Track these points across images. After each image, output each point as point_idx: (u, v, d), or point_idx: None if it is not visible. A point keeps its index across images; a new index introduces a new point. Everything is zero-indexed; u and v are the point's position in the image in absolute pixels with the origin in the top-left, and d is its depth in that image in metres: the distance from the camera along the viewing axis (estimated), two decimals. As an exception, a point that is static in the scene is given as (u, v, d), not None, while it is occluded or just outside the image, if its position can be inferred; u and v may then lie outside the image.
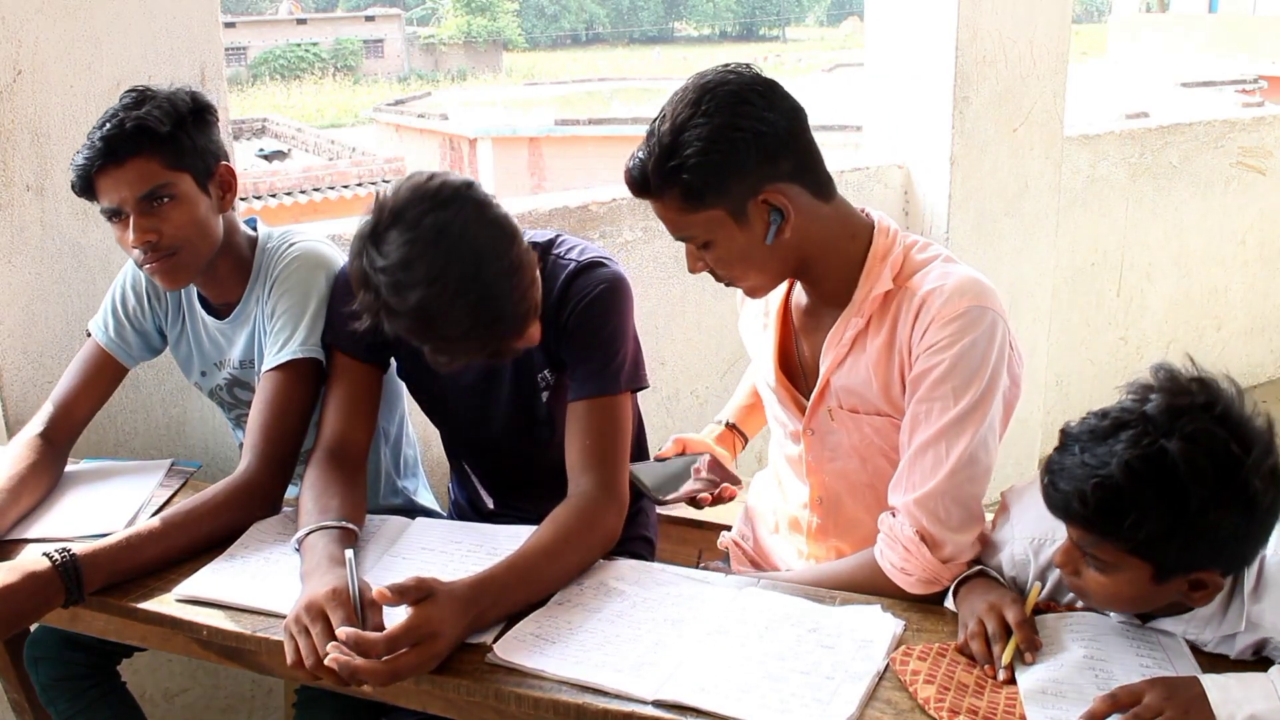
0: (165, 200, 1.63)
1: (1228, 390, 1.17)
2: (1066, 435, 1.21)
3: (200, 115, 1.69)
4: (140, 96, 1.66)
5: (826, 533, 1.65)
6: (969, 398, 1.39)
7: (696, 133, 1.37)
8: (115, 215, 1.64)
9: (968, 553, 1.41)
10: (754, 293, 1.56)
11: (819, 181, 1.46)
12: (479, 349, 1.43)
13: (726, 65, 1.44)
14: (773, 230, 1.43)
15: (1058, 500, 1.20)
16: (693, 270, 1.51)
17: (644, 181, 1.42)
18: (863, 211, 1.54)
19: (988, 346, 1.40)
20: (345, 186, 12.14)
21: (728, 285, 1.53)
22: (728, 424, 1.89)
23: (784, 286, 1.63)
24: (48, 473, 1.72)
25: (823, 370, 1.53)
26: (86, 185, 1.63)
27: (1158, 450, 1.11)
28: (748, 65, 1.44)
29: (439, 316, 1.36)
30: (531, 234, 1.69)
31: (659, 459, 1.80)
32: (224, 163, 1.73)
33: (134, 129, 1.60)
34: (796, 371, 1.63)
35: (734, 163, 1.38)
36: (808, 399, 1.58)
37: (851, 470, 1.58)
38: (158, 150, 1.62)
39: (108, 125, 1.62)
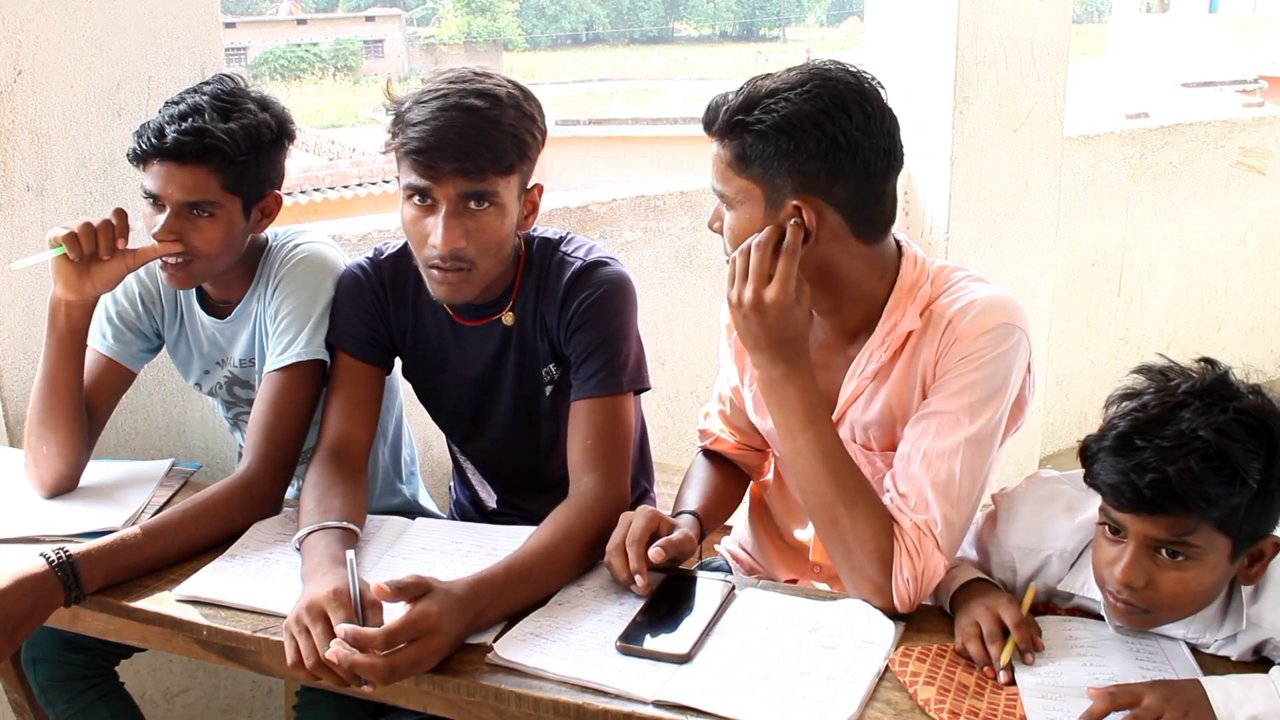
0: (206, 214, 1.64)
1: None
2: (1116, 436, 1.19)
3: (278, 142, 1.70)
4: (231, 105, 1.63)
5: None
6: (985, 417, 1.36)
7: (781, 106, 1.34)
8: (154, 199, 1.63)
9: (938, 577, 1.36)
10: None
11: (868, 225, 1.41)
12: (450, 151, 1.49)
13: (860, 71, 1.39)
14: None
15: (1146, 495, 1.15)
16: (710, 225, 1.47)
17: (714, 120, 1.40)
18: (896, 241, 1.48)
19: (1011, 367, 1.38)
20: (345, 187, 12.11)
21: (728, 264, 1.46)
22: (694, 514, 1.60)
23: None
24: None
25: (840, 401, 1.49)
26: (139, 162, 1.63)
27: (1234, 413, 1.15)
28: (880, 85, 1.39)
29: (436, 113, 1.48)
30: (542, 230, 1.70)
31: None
32: (275, 191, 1.73)
33: (209, 145, 1.59)
34: None
35: (793, 154, 1.34)
36: None
37: None
38: (221, 170, 1.62)
39: (189, 120, 1.59)
